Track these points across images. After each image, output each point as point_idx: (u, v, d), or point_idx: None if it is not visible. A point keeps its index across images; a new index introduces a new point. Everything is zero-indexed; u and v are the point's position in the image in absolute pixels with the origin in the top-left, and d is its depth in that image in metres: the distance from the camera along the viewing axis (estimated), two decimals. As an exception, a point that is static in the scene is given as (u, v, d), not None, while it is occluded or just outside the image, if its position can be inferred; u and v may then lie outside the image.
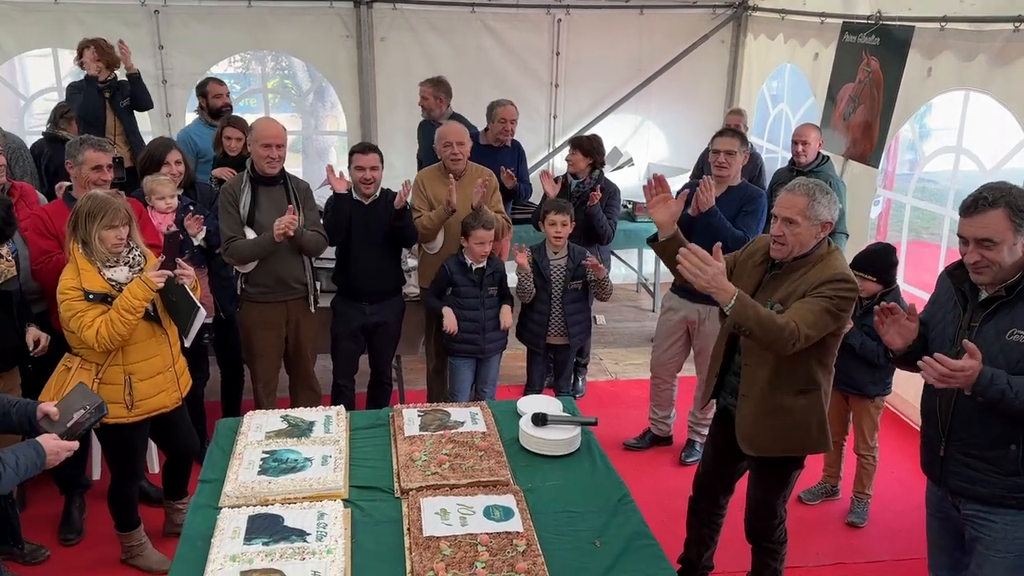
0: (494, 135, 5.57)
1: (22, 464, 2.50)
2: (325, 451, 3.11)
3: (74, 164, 3.79)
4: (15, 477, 2.50)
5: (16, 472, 2.48)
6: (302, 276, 4.40)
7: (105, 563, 3.78)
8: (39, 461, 2.56)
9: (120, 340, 3.27)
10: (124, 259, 3.39)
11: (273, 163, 4.21)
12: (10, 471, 2.46)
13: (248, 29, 6.72)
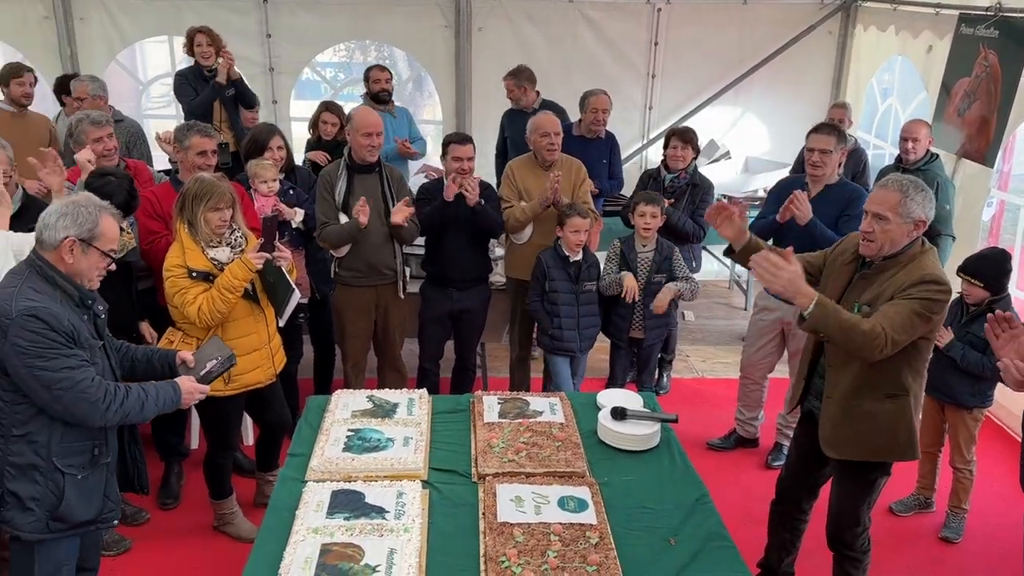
0: (586, 126, 5.48)
1: (161, 397, 2.77)
2: (407, 432, 3.19)
3: (180, 148, 3.99)
4: (155, 408, 2.76)
5: (156, 403, 2.75)
6: (392, 262, 4.51)
7: (199, 528, 3.98)
8: (175, 397, 2.81)
9: (220, 317, 3.43)
10: (226, 240, 3.55)
11: (372, 151, 4.33)
12: (151, 401, 2.73)
13: (352, 19, 6.89)
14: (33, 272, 2.58)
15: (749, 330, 4.67)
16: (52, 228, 2.57)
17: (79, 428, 2.63)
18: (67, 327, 2.52)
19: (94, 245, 2.62)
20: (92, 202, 2.67)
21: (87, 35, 6.79)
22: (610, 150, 5.63)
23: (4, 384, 2.53)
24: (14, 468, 2.58)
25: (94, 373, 2.59)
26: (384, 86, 5.96)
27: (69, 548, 2.74)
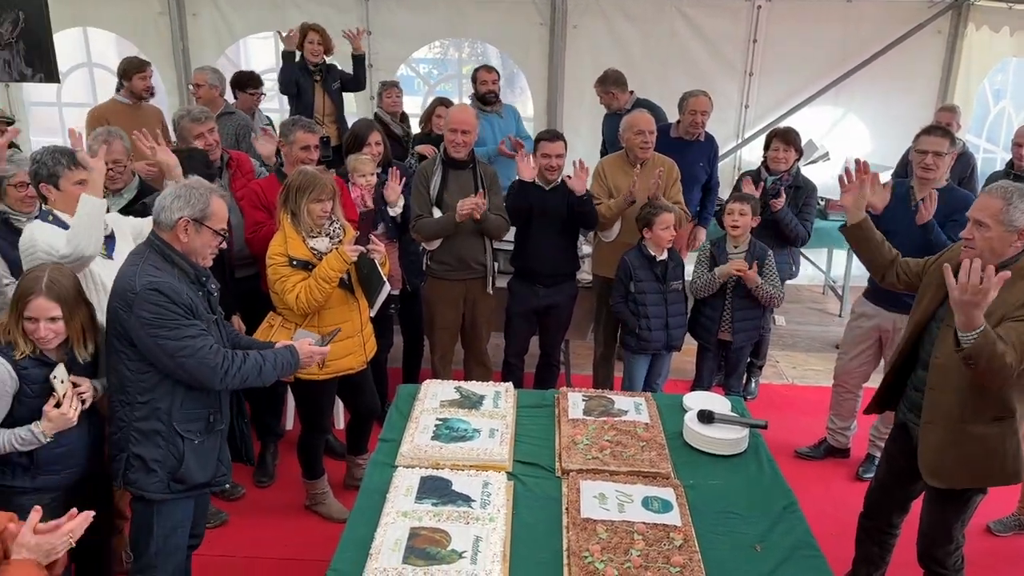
0: (685, 127, 5.33)
1: (279, 361, 2.97)
2: (493, 424, 3.25)
3: (286, 142, 4.16)
4: (273, 372, 2.95)
5: (274, 367, 2.94)
6: (482, 257, 4.58)
7: (291, 507, 4.15)
8: (293, 361, 3.01)
9: (316, 304, 3.56)
10: (326, 231, 3.68)
11: (458, 148, 4.40)
12: (269, 364, 2.92)
13: (449, 16, 7.00)
14: (152, 251, 2.77)
15: (845, 337, 4.54)
16: (168, 210, 2.76)
17: (197, 396, 2.83)
18: (186, 300, 2.71)
19: (206, 224, 2.80)
20: (203, 185, 2.86)
21: (198, 30, 7.11)
22: (710, 154, 5.43)
23: (131, 355, 2.74)
24: (139, 433, 2.78)
25: (212, 341, 2.78)
26: (491, 87, 6.04)
27: (185, 510, 2.94)
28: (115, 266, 3.22)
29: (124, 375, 2.77)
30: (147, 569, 2.88)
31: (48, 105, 7.68)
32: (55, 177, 3.19)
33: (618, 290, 4.47)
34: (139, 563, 2.90)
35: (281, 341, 3.21)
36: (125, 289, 2.69)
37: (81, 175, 3.18)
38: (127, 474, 2.82)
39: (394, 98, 5.79)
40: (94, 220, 3.06)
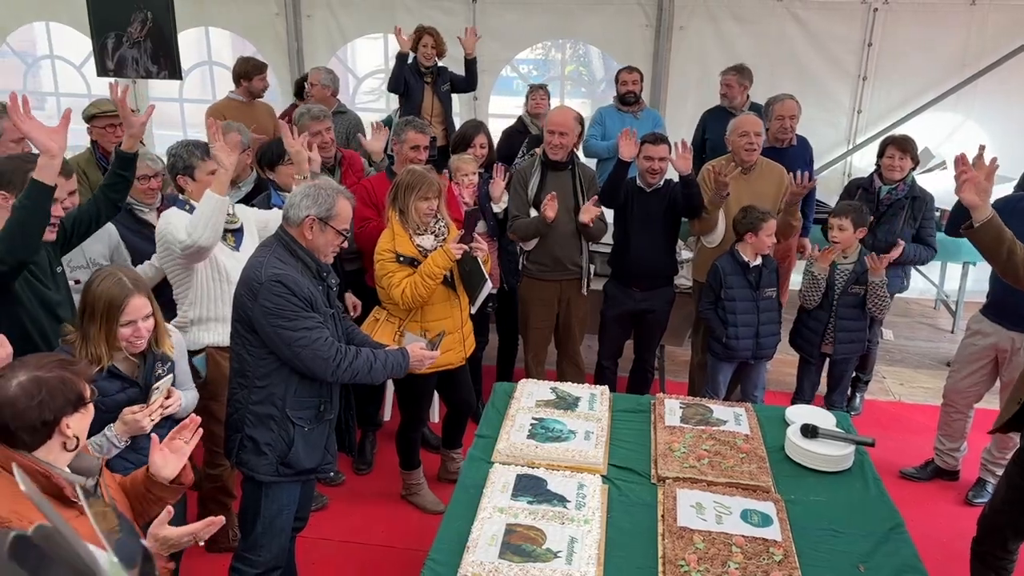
0: (772, 134, 5.08)
1: (390, 361, 3.08)
2: (588, 427, 3.25)
3: (397, 141, 4.27)
4: (383, 371, 3.06)
5: (384, 366, 3.05)
6: (578, 258, 4.58)
7: (388, 495, 4.26)
8: (404, 363, 3.12)
9: (421, 300, 3.65)
10: (431, 229, 3.76)
11: (556, 150, 4.42)
12: (379, 363, 3.03)
13: (555, 18, 7.03)
14: (279, 244, 2.92)
15: (958, 355, 4.33)
16: (296, 207, 2.90)
17: (310, 385, 2.95)
18: (306, 293, 2.84)
19: (330, 224, 2.92)
20: (331, 186, 2.98)
21: (312, 31, 7.37)
22: (805, 159, 5.21)
23: (252, 341, 2.88)
24: (254, 416, 2.93)
25: (328, 334, 2.89)
26: (631, 88, 6.03)
27: (291, 494, 3.07)
28: (242, 258, 3.40)
29: (244, 359, 2.92)
30: (253, 547, 3.02)
31: (170, 100, 8.09)
32: (191, 168, 3.40)
33: (707, 296, 4.40)
34: (246, 541, 3.04)
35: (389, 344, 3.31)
36: (251, 279, 2.84)
37: (213, 166, 3.36)
38: (240, 454, 2.97)
39: (538, 100, 5.84)
40: (214, 214, 3.22)
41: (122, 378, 2.62)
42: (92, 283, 2.60)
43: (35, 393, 1.93)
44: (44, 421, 1.94)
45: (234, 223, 3.50)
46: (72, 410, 2.00)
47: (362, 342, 3.21)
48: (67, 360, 2.06)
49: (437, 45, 5.93)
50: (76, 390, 2.00)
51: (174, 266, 3.43)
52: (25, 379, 1.94)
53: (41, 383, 1.94)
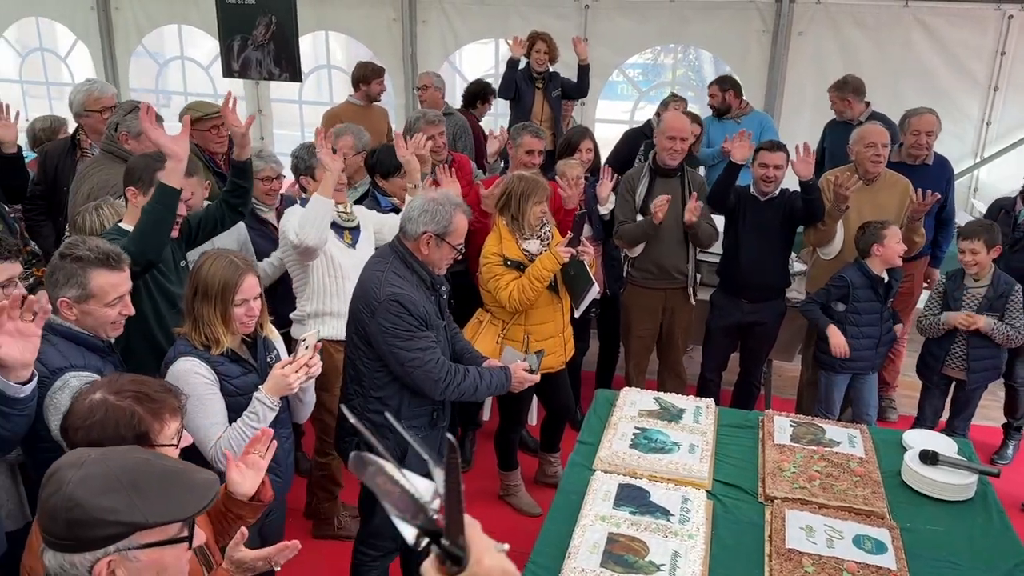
0: (906, 150, 4.75)
1: (494, 382, 3.11)
2: (693, 440, 3.20)
3: (513, 145, 4.32)
4: (487, 391, 3.12)
5: (488, 387, 3.10)
6: (684, 267, 4.50)
7: (485, 494, 4.29)
8: (506, 383, 3.14)
9: (527, 304, 3.68)
10: (537, 232, 3.79)
11: (674, 155, 4.36)
12: (484, 384, 3.08)
13: (668, 23, 6.94)
14: (396, 257, 2.98)
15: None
16: (414, 222, 2.95)
17: (423, 397, 3.00)
18: (422, 312, 2.89)
19: (446, 240, 2.96)
20: (449, 200, 3.00)
21: (427, 37, 7.52)
22: (942, 181, 4.64)
23: (367, 353, 2.96)
24: (370, 424, 2.98)
25: (439, 354, 2.94)
26: (712, 102, 6.00)
27: None
28: (357, 255, 3.54)
29: (360, 370, 3.00)
30: (374, 534, 3.13)
31: (289, 102, 8.43)
32: (312, 169, 3.54)
33: (820, 296, 4.26)
34: (366, 529, 3.18)
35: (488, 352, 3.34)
36: (370, 296, 2.90)
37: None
38: None
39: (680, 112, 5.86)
40: (319, 216, 3.33)
41: (240, 361, 2.65)
42: (202, 266, 2.59)
43: (89, 416, 1.88)
44: (91, 445, 1.83)
45: (351, 222, 3.61)
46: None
47: (462, 350, 3.24)
48: (149, 396, 1.95)
49: (550, 51, 5.96)
50: (138, 428, 1.90)
51: (293, 262, 3.58)
52: (96, 398, 1.90)
53: (103, 408, 1.88)
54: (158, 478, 1.51)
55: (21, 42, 9.04)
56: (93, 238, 2.54)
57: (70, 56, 8.73)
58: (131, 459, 1.54)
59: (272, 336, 2.86)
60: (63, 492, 1.44)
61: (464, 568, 1.09)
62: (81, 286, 2.37)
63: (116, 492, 1.44)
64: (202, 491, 1.55)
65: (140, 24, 8.24)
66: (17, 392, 2.15)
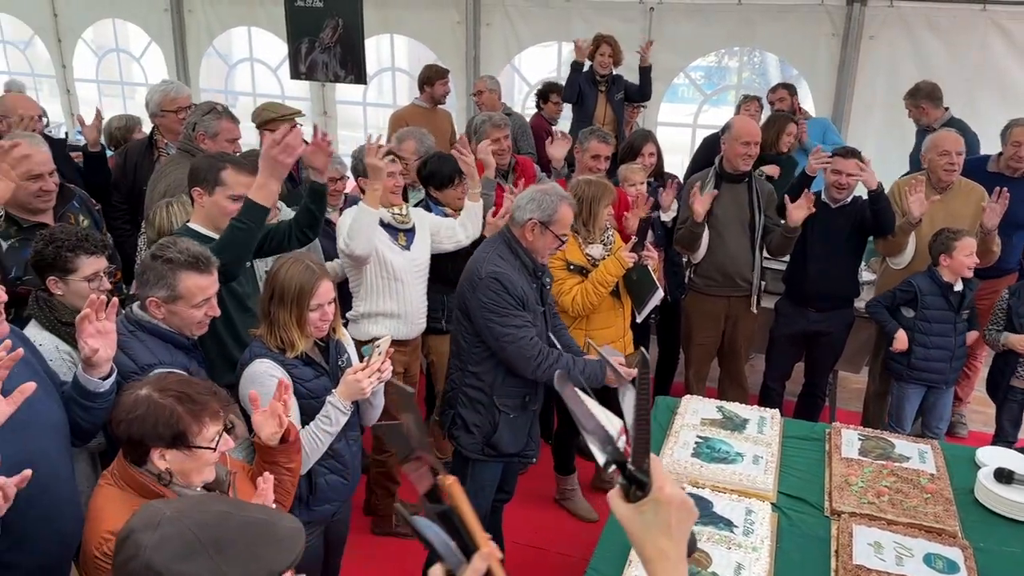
0: (1005, 160, 4.52)
1: (588, 372, 3.16)
2: (757, 451, 3.15)
3: (581, 149, 4.32)
4: (579, 379, 3.07)
5: (581, 374, 3.13)
6: (748, 274, 4.43)
7: (542, 497, 4.28)
8: (600, 375, 3.17)
9: (590, 308, 3.67)
10: (600, 237, 3.77)
11: (746, 160, 4.29)
12: (577, 371, 3.13)
13: (733, 26, 6.85)
14: (502, 242, 3.12)
15: None
16: (521, 209, 3.08)
17: (517, 377, 3.11)
18: (519, 292, 3.01)
19: (550, 228, 3.07)
20: (557, 192, 3.12)
21: (489, 39, 7.56)
22: None
23: (468, 328, 3.10)
24: (465, 397, 3.16)
25: (534, 334, 3.05)
26: (780, 106, 5.92)
27: (493, 472, 3.27)
28: (411, 257, 3.58)
29: (461, 344, 3.15)
30: None
31: (353, 104, 8.56)
32: None
33: (886, 298, 4.17)
34: None
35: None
36: (473, 273, 3.07)
37: (393, 168, 3.52)
38: (451, 430, 3.20)
39: (752, 111, 5.79)
40: (364, 226, 3.36)
41: (313, 364, 2.68)
42: (279, 270, 2.61)
43: (132, 410, 1.93)
44: (130, 439, 1.94)
45: (407, 224, 3.64)
46: (164, 444, 1.93)
47: (567, 343, 3.33)
48: (191, 397, 1.96)
49: (614, 54, 5.94)
50: (176, 427, 1.91)
51: (348, 263, 3.62)
52: (142, 394, 1.94)
53: (146, 404, 1.92)
54: (241, 534, 1.39)
55: (98, 43, 9.37)
56: (184, 240, 2.60)
57: (144, 57, 9.01)
58: (209, 513, 1.42)
59: (344, 339, 2.90)
60: (140, 559, 1.34)
61: (647, 494, 1.13)
62: (170, 287, 2.44)
63: (198, 555, 1.34)
64: (289, 543, 1.43)
65: (211, 26, 8.46)
66: (98, 387, 2.27)
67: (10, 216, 3.13)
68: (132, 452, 1.97)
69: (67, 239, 2.61)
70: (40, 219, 3.21)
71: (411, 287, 3.68)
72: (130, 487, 1.97)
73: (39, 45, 9.33)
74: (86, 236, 2.66)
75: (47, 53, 9.27)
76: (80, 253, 2.59)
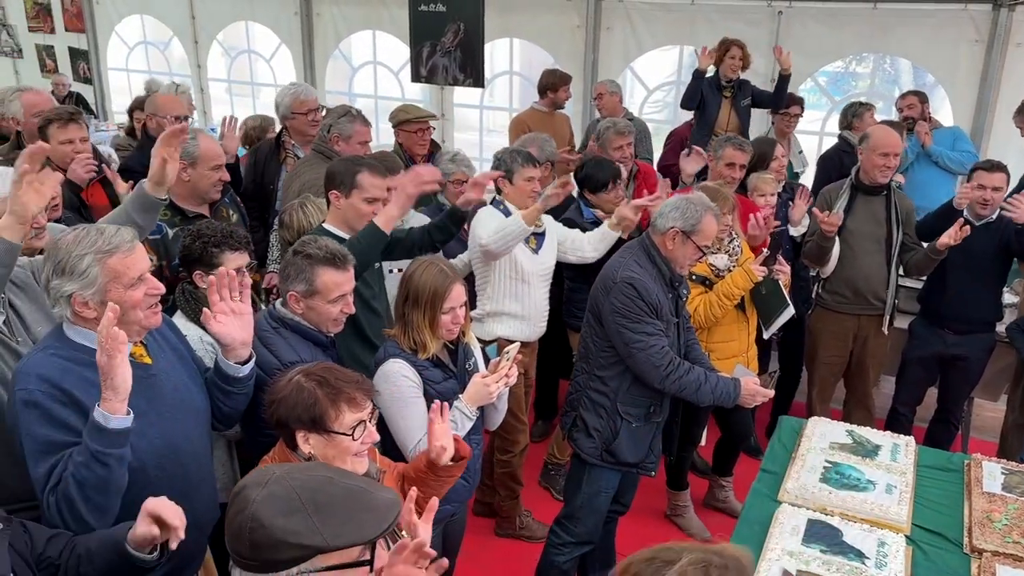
0: None
1: (720, 388, 3.08)
2: (890, 479, 2.99)
3: (715, 157, 4.23)
4: (710, 395, 3.08)
5: (712, 391, 3.06)
6: (882, 292, 4.22)
7: (651, 512, 4.21)
8: (733, 393, 3.09)
9: (713, 320, 3.58)
10: (725, 248, 3.67)
11: (886, 172, 4.10)
12: (708, 386, 3.05)
13: (867, 31, 6.54)
14: (641, 248, 3.09)
15: None
16: (664, 217, 3.04)
17: (643, 386, 3.07)
18: (653, 300, 2.97)
19: (692, 238, 3.01)
20: (701, 202, 3.07)
21: (609, 43, 7.49)
22: None
23: (598, 331, 3.09)
24: (589, 401, 3.14)
25: (665, 344, 3.00)
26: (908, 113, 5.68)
27: (610, 480, 3.23)
28: (539, 260, 3.60)
29: (590, 347, 3.14)
30: (571, 517, 3.23)
31: (471, 107, 8.66)
32: (510, 173, 3.61)
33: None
34: (566, 509, 3.28)
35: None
36: (608, 277, 3.05)
37: (532, 172, 3.55)
38: (572, 431, 3.20)
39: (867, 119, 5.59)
40: (515, 237, 3.45)
41: (442, 367, 2.70)
42: (413, 273, 2.64)
43: (281, 391, 2.03)
44: (278, 421, 2.03)
45: (539, 228, 3.65)
46: (305, 428, 2.00)
47: (697, 358, 3.25)
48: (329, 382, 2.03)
49: (744, 57, 5.77)
50: (313, 413, 1.98)
51: (478, 260, 3.67)
52: (294, 378, 2.04)
53: (293, 387, 2.01)
54: (340, 498, 1.49)
55: (229, 44, 9.82)
56: (323, 237, 2.68)
57: (273, 59, 9.38)
58: (314, 478, 1.53)
59: (472, 343, 2.92)
60: (247, 512, 1.46)
61: None
62: (308, 282, 2.52)
63: (298, 513, 1.45)
64: (384, 512, 1.52)
65: (338, 29, 8.73)
66: (236, 371, 2.33)
67: (175, 205, 3.32)
68: (284, 435, 2.07)
69: (213, 235, 2.74)
70: (200, 210, 3.41)
71: (536, 289, 3.72)
72: None
73: (176, 46, 9.86)
74: (230, 233, 2.78)
75: (183, 53, 9.79)
76: (225, 249, 2.72)
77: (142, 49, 10.27)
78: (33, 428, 1.97)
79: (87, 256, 2.01)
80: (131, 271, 2.06)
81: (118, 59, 10.34)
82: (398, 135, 4.79)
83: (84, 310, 2.04)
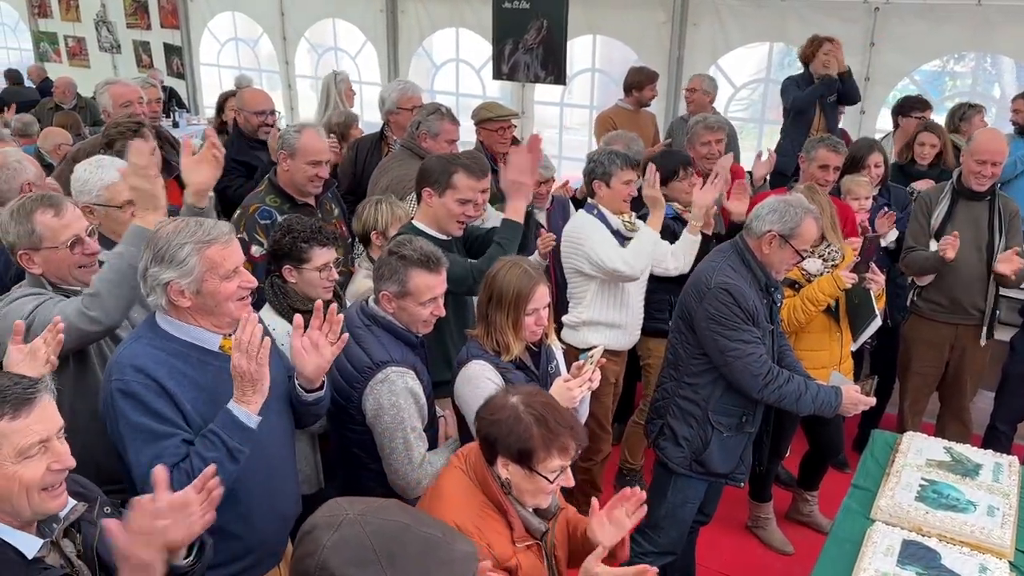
0: None
1: (820, 396, 2.96)
2: (992, 501, 2.85)
3: (806, 159, 4.10)
4: (811, 404, 2.96)
5: (813, 400, 2.95)
6: (981, 303, 4.02)
7: (732, 522, 4.09)
8: (834, 402, 2.97)
9: (797, 325, 3.47)
10: (819, 252, 3.54)
11: (982, 180, 3.91)
12: (809, 395, 2.93)
13: (968, 28, 6.23)
14: (734, 252, 2.98)
15: None
16: (760, 220, 2.93)
17: (736, 395, 2.98)
18: (750, 306, 2.86)
19: (790, 242, 2.90)
20: (801, 204, 2.94)
21: (695, 40, 7.33)
22: None
23: (689, 338, 3.00)
24: (678, 408, 3.06)
25: (763, 351, 2.89)
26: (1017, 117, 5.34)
27: (697, 489, 3.15)
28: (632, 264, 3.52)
29: (679, 354, 3.05)
30: (655, 527, 3.14)
31: (551, 104, 8.61)
32: (608, 176, 3.54)
33: None
34: (650, 518, 3.14)
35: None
36: (700, 282, 2.94)
37: (630, 175, 3.50)
38: (658, 440, 3.11)
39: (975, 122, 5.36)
40: (649, 248, 3.42)
41: (525, 369, 2.66)
42: (497, 273, 2.61)
43: (496, 412, 1.99)
44: (486, 438, 2.00)
45: (634, 231, 3.58)
46: (511, 458, 1.98)
47: (790, 365, 3.14)
48: (548, 423, 1.98)
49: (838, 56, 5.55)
50: (525, 445, 1.95)
51: (574, 268, 3.60)
52: (511, 401, 2.00)
53: (510, 412, 1.97)
54: (416, 549, 1.38)
55: (316, 41, 10.01)
56: (419, 238, 2.69)
57: (358, 56, 9.52)
58: (390, 523, 1.41)
59: (554, 345, 2.88)
60: (316, 558, 1.36)
61: None
62: (401, 283, 2.52)
63: (370, 565, 1.34)
64: (460, 566, 1.41)
65: (422, 27, 8.80)
66: (301, 396, 2.34)
67: (286, 193, 3.42)
68: (486, 450, 2.05)
69: (303, 231, 2.78)
70: (308, 200, 3.48)
71: (634, 296, 3.66)
72: (476, 479, 2.08)
73: (265, 42, 10.12)
74: (319, 229, 2.82)
75: (272, 50, 10.03)
76: (314, 244, 2.75)
77: (233, 45, 10.57)
78: (132, 417, 2.03)
79: (187, 245, 2.06)
80: (227, 263, 2.11)
81: (210, 55, 10.69)
82: (480, 133, 4.75)
83: (179, 299, 2.08)
